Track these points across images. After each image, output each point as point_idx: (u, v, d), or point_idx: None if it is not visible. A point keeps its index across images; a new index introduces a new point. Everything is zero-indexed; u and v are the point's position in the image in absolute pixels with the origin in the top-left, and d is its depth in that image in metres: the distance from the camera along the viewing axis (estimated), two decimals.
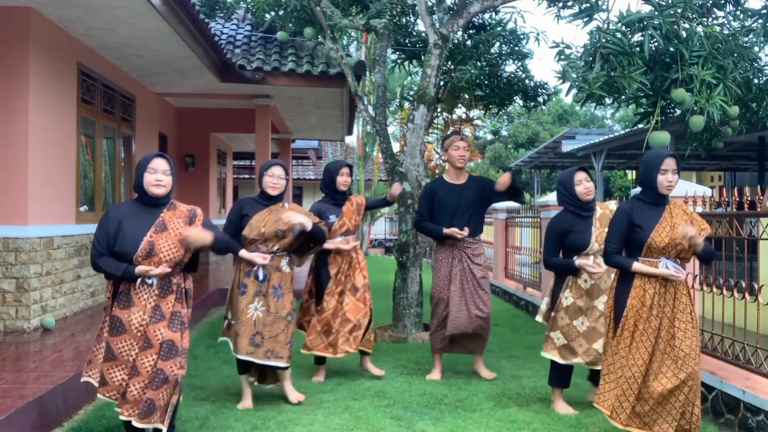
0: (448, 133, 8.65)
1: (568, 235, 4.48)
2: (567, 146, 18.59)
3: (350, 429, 4.18)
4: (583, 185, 4.49)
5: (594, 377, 4.74)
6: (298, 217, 4.50)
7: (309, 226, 4.55)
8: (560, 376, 4.60)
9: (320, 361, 5.40)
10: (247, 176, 23.87)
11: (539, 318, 4.76)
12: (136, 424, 3.50)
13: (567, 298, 4.51)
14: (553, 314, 4.59)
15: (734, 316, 4.59)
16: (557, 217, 4.60)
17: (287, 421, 4.30)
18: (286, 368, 4.67)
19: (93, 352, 3.68)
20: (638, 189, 5.49)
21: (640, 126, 5.98)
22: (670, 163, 3.69)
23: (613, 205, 4.62)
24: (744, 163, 19.13)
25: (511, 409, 4.61)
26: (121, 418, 3.54)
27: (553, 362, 4.60)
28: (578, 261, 4.41)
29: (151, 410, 3.50)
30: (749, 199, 4.71)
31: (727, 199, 4.70)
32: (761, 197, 5.30)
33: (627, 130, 16.35)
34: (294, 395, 4.70)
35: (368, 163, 25.05)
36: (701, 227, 3.70)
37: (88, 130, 7.80)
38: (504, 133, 37.35)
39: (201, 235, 3.56)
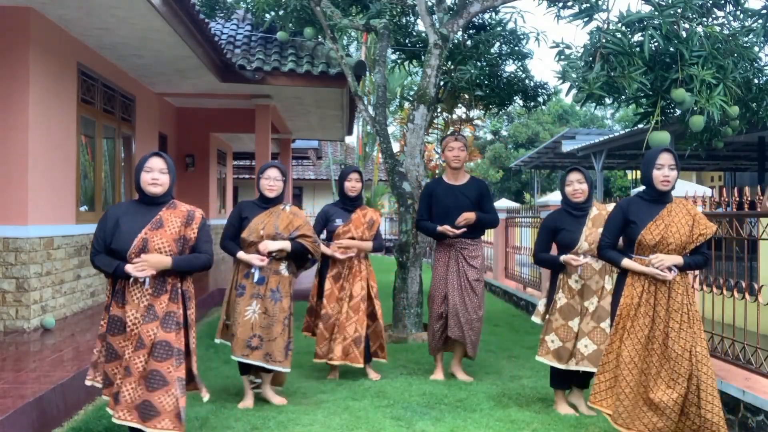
0: (447, 133, 8.62)
1: (559, 232, 4.53)
2: (567, 146, 18.59)
3: (350, 429, 4.18)
4: (573, 186, 4.52)
5: (580, 380, 4.68)
6: (273, 245, 4.51)
7: (282, 248, 4.54)
8: (560, 378, 4.58)
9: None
10: (247, 176, 23.87)
11: (536, 318, 4.76)
12: (141, 427, 3.40)
13: (560, 298, 4.52)
14: (547, 317, 4.59)
15: (734, 316, 4.59)
16: (551, 215, 4.68)
17: (287, 421, 4.30)
18: (275, 372, 4.67)
19: (94, 354, 3.65)
20: (639, 189, 5.50)
21: (640, 126, 5.99)
22: (665, 158, 3.66)
23: (611, 206, 4.62)
24: (744, 163, 19.13)
25: (511, 409, 4.61)
26: (115, 420, 3.44)
27: (551, 368, 4.60)
28: (563, 256, 4.44)
29: (154, 413, 3.38)
30: (749, 199, 4.71)
31: (727, 199, 4.70)
32: (761, 197, 5.31)
33: (627, 130, 16.34)
34: (276, 398, 4.69)
35: (368, 163, 25.04)
36: (701, 231, 3.65)
37: (88, 130, 7.79)
38: (504, 133, 37.34)
39: (160, 260, 3.48)
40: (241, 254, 4.55)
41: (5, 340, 5.76)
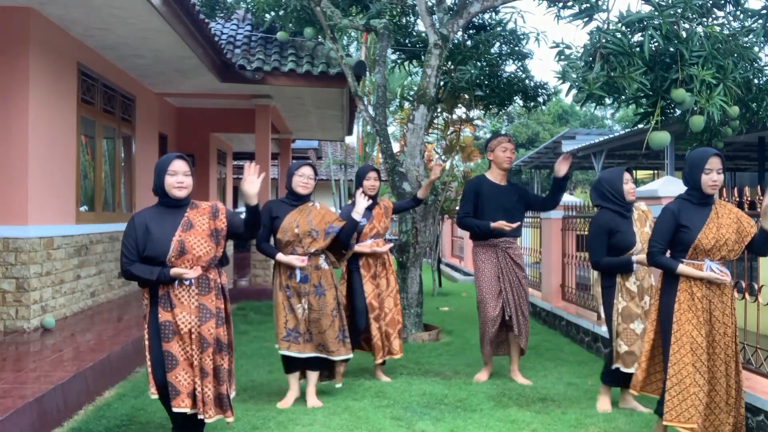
0: (493, 133, 8.61)
1: (614, 234, 4.46)
2: (567, 146, 18.60)
3: (350, 429, 4.18)
4: (630, 185, 4.55)
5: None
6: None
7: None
8: (613, 375, 4.57)
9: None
10: None
11: (603, 327, 4.75)
12: (209, 419, 3.56)
13: (620, 302, 4.49)
14: (613, 322, 4.54)
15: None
16: (602, 217, 4.53)
17: (287, 421, 4.30)
18: (342, 361, 4.85)
19: (148, 366, 3.61)
20: (644, 188, 5.46)
21: (640, 126, 5.98)
22: (714, 163, 3.65)
23: (644, 205, 4.66)
24: (744, 163, 19.14)
25: (511, 409, 4.61)
26: (209, 420, 3.56)
27: (607, 361, 4.62)
28: (635, 257, 4.40)
29: (224, 404, 3.61)
30: (749, 199, 4.71)
31: (727, 199, 4.69)
32: (761, 197, 5.31)
33: (627, 130, 16.35)
34: (311, 400, 4.71)
35: (368, 163, 25.06)
36: (749, 230, 3.68)
37: (88, 130, 7.80)
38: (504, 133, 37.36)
39: (251, 189, 3.53)
40: (280, 256, 4.59)
41: (5, 340, 5.76)
